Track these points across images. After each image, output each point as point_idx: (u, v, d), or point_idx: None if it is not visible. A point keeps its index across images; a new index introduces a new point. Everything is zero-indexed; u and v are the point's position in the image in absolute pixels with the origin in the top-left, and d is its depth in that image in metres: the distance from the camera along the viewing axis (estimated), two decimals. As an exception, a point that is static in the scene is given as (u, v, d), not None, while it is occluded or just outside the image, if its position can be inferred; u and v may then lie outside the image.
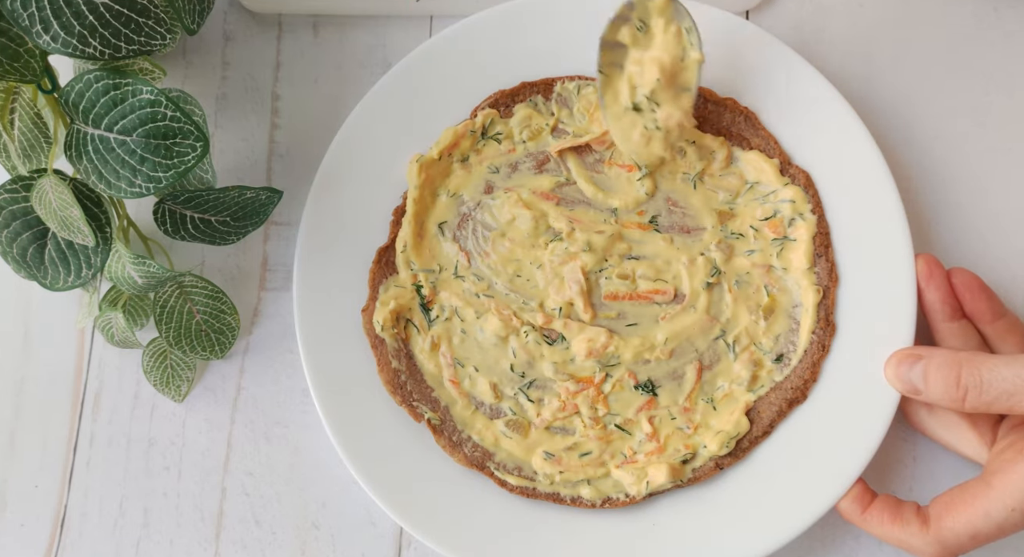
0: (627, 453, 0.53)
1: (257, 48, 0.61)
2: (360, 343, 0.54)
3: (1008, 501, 0.46)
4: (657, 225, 0.56)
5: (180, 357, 0.56)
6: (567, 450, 0.53)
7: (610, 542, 0.52)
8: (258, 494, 0.56)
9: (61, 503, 0.56)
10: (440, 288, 0.55)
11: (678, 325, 0.54)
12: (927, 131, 0.60)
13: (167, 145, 0.44)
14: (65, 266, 0.49)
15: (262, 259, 0.59)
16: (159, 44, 0.45)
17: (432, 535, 0.51)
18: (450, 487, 0.53)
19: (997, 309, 0.52)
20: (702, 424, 0.54)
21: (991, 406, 0.47)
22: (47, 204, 0.46)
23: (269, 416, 0.57)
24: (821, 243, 0.55)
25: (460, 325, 0.55)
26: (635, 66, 0.52)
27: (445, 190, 0.56)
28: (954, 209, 0.59)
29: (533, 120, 0.57)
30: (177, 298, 0.55)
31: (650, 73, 0.51)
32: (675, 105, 0.52)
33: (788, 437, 0.53)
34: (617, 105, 0.53)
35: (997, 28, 0.61)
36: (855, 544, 0.55)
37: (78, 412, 0.57)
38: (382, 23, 0.62)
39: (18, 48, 0.44)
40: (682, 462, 0.53)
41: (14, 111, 0.49)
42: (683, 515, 0.53)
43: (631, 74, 0.52)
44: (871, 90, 0.60)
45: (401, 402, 0.53)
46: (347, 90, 0.60)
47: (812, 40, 0.61)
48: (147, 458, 0.56)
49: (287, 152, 0.60)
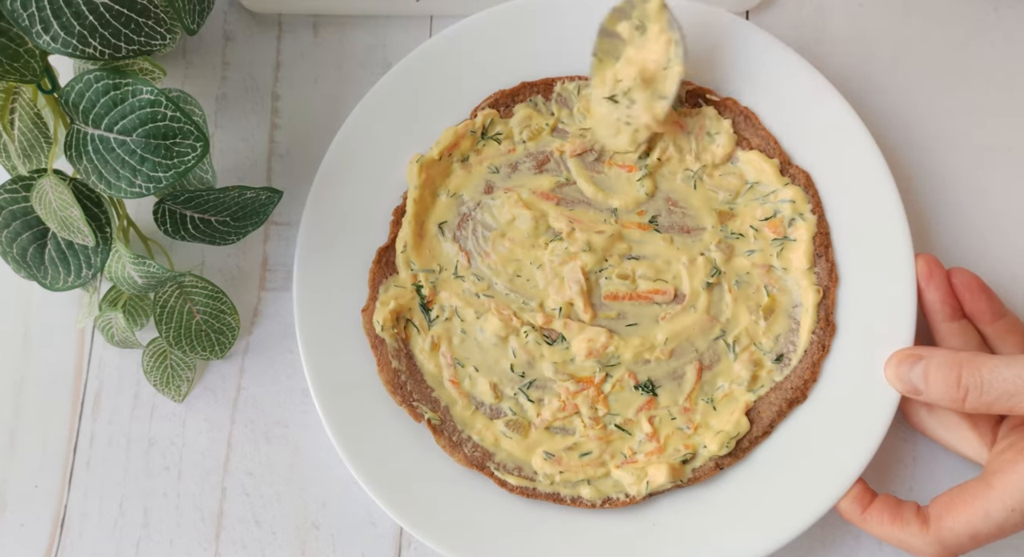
0: (627, 453, 0.53)
1: (257, 48, 0.61)
2: (360, 343, 0.54)
3: (1008, 501, 0.46)
4: (657, 225, 0.56)
5: (180, 357, 0.56)
6: (567, 450, 0.53)
7: (610, 542, 0.52)
8: (258, 494, 0.56)
9: (61, 503, 0.56)
10: (440, 288, 0.55)
11: (678, 325, 0.54)
12: (927, 131, 0.60)
13: (167, 145, 0.44)
14: (65, 266, 0.49)
15: (262, 259, 0.59)
16: (159, 44, 0.45)
17: (432, 535, 0.51)
18: (450, 487, 0.53)
19: (997, 309, 0.52)
20: (702, 424, 0.54)
21: (992, 407, 0.47)
22: (47, 204, 0.46)
23: (269, 416, 0.57)
24: (821, 243, 0.55)
25: (460, 325, 0.55)
26: (624, 61, 0.54)
27: (445, 190, 0.56)
28: (954, 209, 0.59)
29: (533, 120, 0.57)
30: (177, 298, 0.55)
31: (632, 72, 0.54)
32: (648, 108, 0.54)
33: (788, 437, 0.53)
34: (601, 91, 0.55)
35: (997, 28, 0.61)
36: (855, 544, 0.55)
37: (78, 412, 0.57)
38: (382, 23, 0.62)
39: (18, 48, 0.44)
40: (682, 462, 0.53)
41: (14, 111, 0.49)
42: (683, 515, 0.53)
43: (618, 68, 0.54)
44: (871, 90, 0.60)
45: (401, 402, 0.53)
46: (347, 90, 0.60)
47: (812, 40, 0.61)
48: (147, 458, 0.56)
49: (287, 152, 0.60)
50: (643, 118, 0.54)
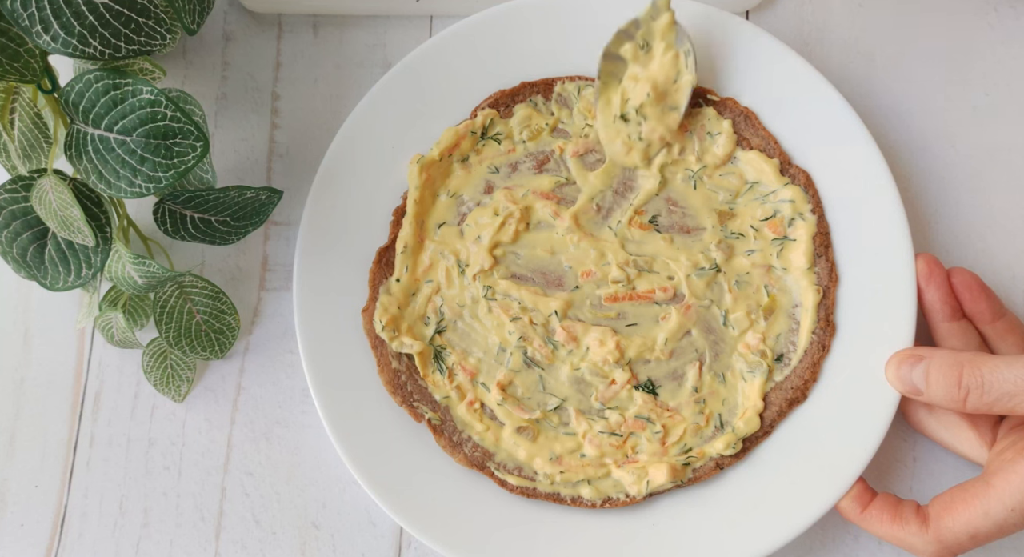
0: (628, 453, 0.53)
1: (257, 48, 0.61)
2: (360, 343, 0.54)
3: (1008, 501, 0.46)
4: (657, 225, 0.56)
5: (180, 357, 0.56)
6: (568, 451, 0.53)
7: (610, 542, 0.52)
8: (258, 494, 0.56)
9: (61, 503, 0.56)
10: (444, 299, 0.55)
11: (678, 325, 0.54)
12: (927, 131, 0.60)
13: (167, 145, 0.44)
14: (65, 266, 0.49)
15: (262, 259, 0.59)
16: (159, 44, 0.45)
17: (432, 535, 0.51)
18: (450, 487, 0.53)
19: (997, 309, 0.52)
20: (712, 394, 0.54)
21: (992, 407, 0.47)
22: (47, 204, 0.46)
23: (269, 416, 0.57)
24: (821, 243, 0.55)
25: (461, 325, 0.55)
26: (630, 80, 0.54)
27: (445, 190, 0.56)
28: (954, 209, 0.59)
29: (533, 120, 0.57)
30: (177, 298, 0.55)
31: (642, 89, 0.54)
32: (661, 121, 0.54)
33: (788, 437, 0.53)
34: (608, 112, 0.55)
35: (997, 28, 0.61)
36: (855, 544, 0.55)
37: (78, 412, 0.57)
38: (382, 23, 0.62)
39: (18, 48, 0.44)
40: (684, 464, 0.53)
41: (14, 111, 0.49)
42: (683, 515, 0.53)
43: (625, 88, 0.55)
44: (871, 90, 0.60)
45: (401, 402, 0.53)
46: (347, 90, 0.60)
47: (812, 40, 0.61)
48: (147, 458, 0.56)
49: (287, 152, 0.60)
50: (657, 132, 0.55)
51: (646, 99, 0.54)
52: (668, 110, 0.54)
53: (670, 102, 0.54)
